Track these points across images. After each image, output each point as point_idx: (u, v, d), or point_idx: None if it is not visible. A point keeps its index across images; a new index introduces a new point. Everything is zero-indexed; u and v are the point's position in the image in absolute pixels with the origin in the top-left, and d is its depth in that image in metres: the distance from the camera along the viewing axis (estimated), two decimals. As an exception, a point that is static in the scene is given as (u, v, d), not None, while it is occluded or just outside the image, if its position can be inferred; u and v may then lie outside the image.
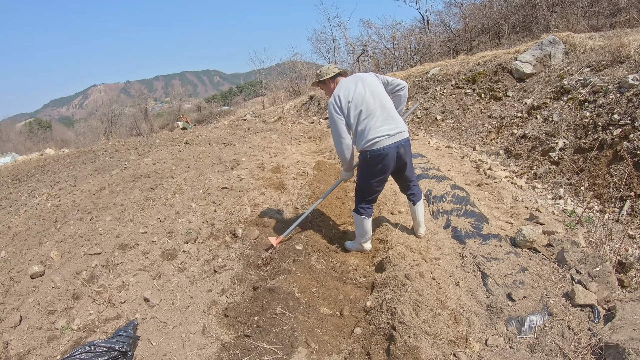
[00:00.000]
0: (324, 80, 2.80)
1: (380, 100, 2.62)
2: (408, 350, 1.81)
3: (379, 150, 2.55)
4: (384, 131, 2.55)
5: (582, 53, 6.70)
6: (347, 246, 3.13)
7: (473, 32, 16.32)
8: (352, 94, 2.60)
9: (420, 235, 3.15)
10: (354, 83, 2.64)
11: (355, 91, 2.60)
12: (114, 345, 1.98)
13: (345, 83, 2.68)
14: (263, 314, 2.19)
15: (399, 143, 2.58)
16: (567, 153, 5.15)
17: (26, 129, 44.02)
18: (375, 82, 2.69)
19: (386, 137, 2.54)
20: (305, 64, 24.96)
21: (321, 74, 2.81)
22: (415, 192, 2.95)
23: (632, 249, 3.37)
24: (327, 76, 2.78)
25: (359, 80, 2.66)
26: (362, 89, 2.61)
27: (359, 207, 2.84)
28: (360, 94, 2.59)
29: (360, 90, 2.61)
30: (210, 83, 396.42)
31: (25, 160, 10.68)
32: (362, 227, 2.89)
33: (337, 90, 2.67)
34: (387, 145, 2.54)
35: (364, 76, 2.70)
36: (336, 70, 2.80)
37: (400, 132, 2.60)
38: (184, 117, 21.86)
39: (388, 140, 2.55)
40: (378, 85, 2.69)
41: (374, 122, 2.55)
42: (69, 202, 4.64)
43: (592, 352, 1.89)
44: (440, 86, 9.06)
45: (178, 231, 3.35)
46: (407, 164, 2.72)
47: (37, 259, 3.08)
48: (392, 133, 2.56)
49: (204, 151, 6.64)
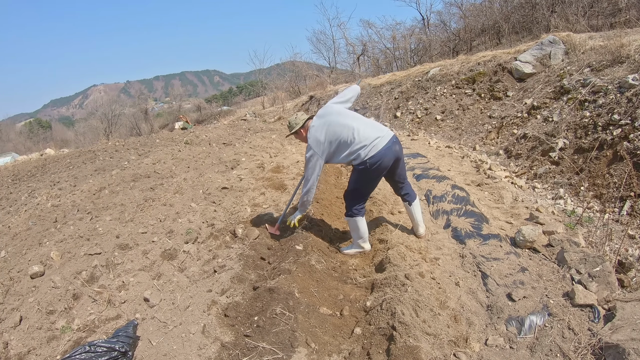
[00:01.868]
0: (296, 131, 2.85)
1: (352, 120, 2.68)
2: (408, 350, 1.81)
3: (378, 154, 2.60)
4: (375, 135, 2.63)
5: (582, 53, 6.69)
6: (344, 252, 3.11)
7: (473, 32, 16.33)
8: (326, 128, 2.67)
9: (421, 235, 3.15)
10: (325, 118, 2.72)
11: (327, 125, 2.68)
12: (114, 345, 1.98)
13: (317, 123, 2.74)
14: (263, 314, 2.19)
15: (391, 141, 2.65)
16: (567, 153, 5.15)
17: (26, 129, 44.04)
18: (337, 111, 2.77)
19: (379, 139, 2.62)
20: (305, 64, 24.98)
21: (290, 124, 2.87)
22: (409, 191, 2.99)
23: (632, 249, 3.37)
24: (297, 126, 2.83)
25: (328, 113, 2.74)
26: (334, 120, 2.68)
27: (353, 209, 2.86)
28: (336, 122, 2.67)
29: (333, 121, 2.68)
30: (210, 83, 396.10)
31: (25, 160, 10.69)
32: (358, 229, 2.93)
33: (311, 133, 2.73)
34: (383, 146, 2.61)
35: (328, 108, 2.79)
36: (304, 117, 2.86)
37: (388, 132, 2.69)
38: (184, 117, 21.83)
39: (382, 142, 2.62)
40: (341, 111, 2.77)
41: (360, 136, 2.61)
42: (69, 202, 4.64)
43: (592, 352, 1.89)
44: (440, 86, 9.06)
45: (178, 231, 3.35)
46: (401, 160, 2.80)
47: (37, 259, 3.08)
48: (382, 135, 2.65)
49: (204, 151, 6.64)
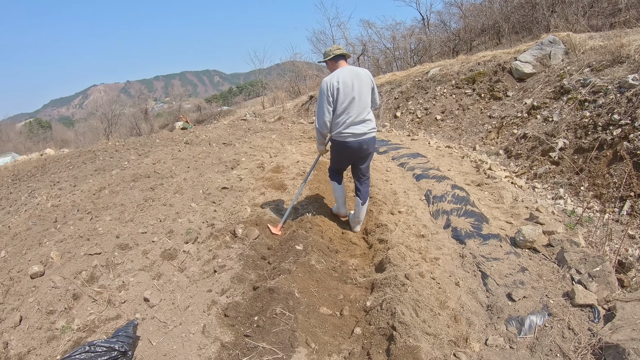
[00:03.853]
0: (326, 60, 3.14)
1: (362, 101, 2.98)
2: (408, 350, 1.81)
3: (345, 143, 3.03)
4: (351, 130, 2.98)
5: (582, 53, 6.69)
6: (333, 210, 3.75)
7: (473, 32, 16.32)
8: (344, 85, 2.94)
9: (356, 231, 3.53)
10: (350, 77, 2.96)
11: (348, 85, 2.94)
12: (113, 345, 1.98)
13: (344, 73, 2.98)
14: (263, 314, 2.19)
15: (362, 141, 3.03)
16: (567, 153, 5.15)
17: (26, 129, 44.01)
18: (367, 83, 3.02)
19: (354, 135, 2.99)
20: (305, 64, 24.96)
21: (326, 53, 3.14)
22: (362, 190, 3.32)
23: (632, 249, 3.36)
24: (328, 57, 3.10)
25: (356, 77, 2.98)
26: (352, 86, 2.94)
27: (329, 171, 3.45)
28: (351, 89, 2.94)
29: (353, 85, 2.94)
30: (210, 83, 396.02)
31: (25, 160, 10.68)
32: (335, 191, 3.50)
33: (335, 74, 2.98)
34: (352, 140, 3.01)
35: (361, 74, 3.02)
36: (338, 52, 3.07)
37: (366, 133, 3.03)
38: (184, 117, 21.82)
39: (352, 138, 3.00)
40: (367, 87, 3.03)
41: (347, 119, 2.96)
42: (69, 202, 4.64)
43: (592, 352, 1.89)
44: (440, 86, 9.06)
45: (178, 231, 3.35)
46: (367, 157, 3.19)
47: (37, 259, 3.08)
48: (357, 132, 3.00)
49: (204, 151, 6.64)
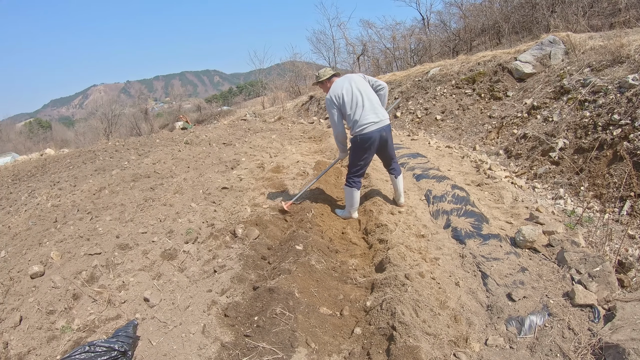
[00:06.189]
0: (321, 81, 3.42)
1: (367, 95, 3.23)
2: (408, 350, 1.81)
3: (367, 134, 3.18)
4: (370, 119, 3.17)
5: (582, 53, 6.69)
6: (337, 213, 3.72)
7: (473, 32, 16.32)
8: (344, 91, 3.21)
9: (401, 204, 3.68)
10: (346, 82, 3.26)
11: (346, 88, 3.22)
12: (113, 345, 1.98)
13: (339, 82, 3.29)
14: (263, 314, 2.19)
15: (381, 129, 3.21)
16: (567, 153, 5.15)
17: (26, 129, 43.99)
18: (362, 81, 3.30)
19: (372, 124, 3.17)
20: (305, 64, 24.95)
21: (319, 76, 3.46)
22: (395, 167, 3.53)
23: (632, 249, 3.36)
24: (324, 77, 3.41)
25: (350, 80, 3.27)
26: (351, 87, 3.22)
27: (349, 180, 3.41)
28: (351, 90, 3.21)
29: (350, 87, 3.22)
30: (210, 83, 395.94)
31: (25, 160, 10.68)
32: (352, 198, 3.49)
33: (334, 87, 3.28)
34: (373, 130, 3.17)
35: (353, 76, 3.31)
36: (331, 72, 3.43)
37: (382, 120, 3.23)
38: (184, 117, 21.81)
39: (373, 127, 3.17)
40: (364, 83, 3.30)
41: (362, 113, 3.17)
42: (69, 202, 4.64)
43: (592, 352, 1.89)
44: (440, 86, 9.06)
45: (178, 231, 3.35)
46: (387, 143, 3.34)
47: (37, 259, 3.08)
48: (376, 120, 3.19)
49: (204, 151, 6.64)
